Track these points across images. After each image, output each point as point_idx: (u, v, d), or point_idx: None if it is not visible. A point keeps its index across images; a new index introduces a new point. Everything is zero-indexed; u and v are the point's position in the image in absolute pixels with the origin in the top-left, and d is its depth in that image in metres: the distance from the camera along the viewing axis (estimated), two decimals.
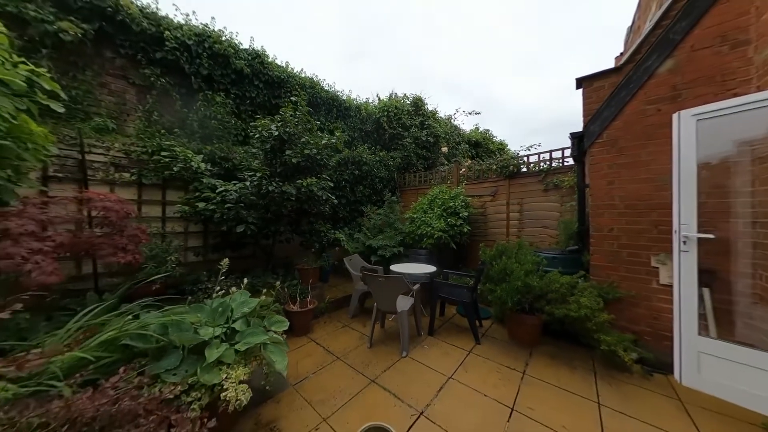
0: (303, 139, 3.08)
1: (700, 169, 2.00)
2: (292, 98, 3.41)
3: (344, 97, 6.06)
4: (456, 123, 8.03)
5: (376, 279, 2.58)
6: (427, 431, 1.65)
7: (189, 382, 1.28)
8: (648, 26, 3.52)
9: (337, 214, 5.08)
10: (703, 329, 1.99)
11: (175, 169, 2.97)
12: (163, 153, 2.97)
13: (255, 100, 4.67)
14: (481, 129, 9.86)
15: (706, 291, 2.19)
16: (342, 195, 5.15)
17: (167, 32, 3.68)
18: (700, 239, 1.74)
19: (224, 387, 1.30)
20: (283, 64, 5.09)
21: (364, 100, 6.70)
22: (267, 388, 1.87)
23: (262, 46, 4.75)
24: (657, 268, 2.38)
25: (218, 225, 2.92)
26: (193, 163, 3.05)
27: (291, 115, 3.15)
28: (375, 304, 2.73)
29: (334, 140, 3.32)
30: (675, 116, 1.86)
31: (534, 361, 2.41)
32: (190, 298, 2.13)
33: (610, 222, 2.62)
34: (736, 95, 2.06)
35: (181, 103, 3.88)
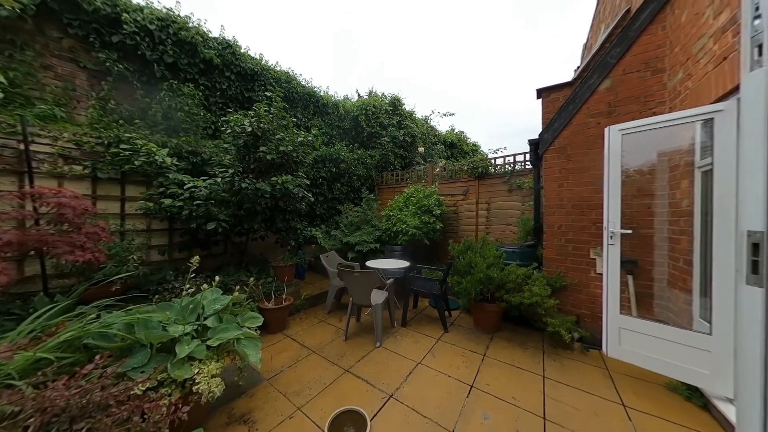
0: (278, 136, 3.07)
1: (626, 175, 2.37)
2: (267, 94, 3.35)
3: (322, 93, 6.01)
4: (432, 124, 8.32)
5: (352, 274, 2.68)
6: (395, 410, 1.80)
7: (159, 378, 1.29)
8: (596, 45, 3.97)
9: (314, 211, 5.07)
10: (627, 310, 2.39)
11: (136, 162, 2.79)
12: (122, 145, 2.78)
13: (226, 92, 4.48)
14: (456, 130, 10.30)
15: (629, 278, 2.61)
16: (319, 192, 5.15)
17: (125, 14, 3.41)
18: (622, 234, 2.08)
19: (196, 381, 1.33)
20: (257, 56, 4.93)
21: (343, 97, 6.70)
22: (240, 383, 1.91)
23: (233, 36, 4.57)
24: (594, 259, 2.77)
25: (186, 222, 2.81)
26: (157, 157, 2.89)
27: (266, 111, 3.11)
28: (351, 298, 2.83)
29: (310, 138, 3.33)
30: (606, 130, 2.18)
31: (493, 344, 2.69)
32: (156, 297, 2.06)
33: (559, 220, 2.97)
34: (654, 114, 2.46)
35: (143, 92, 3.63)
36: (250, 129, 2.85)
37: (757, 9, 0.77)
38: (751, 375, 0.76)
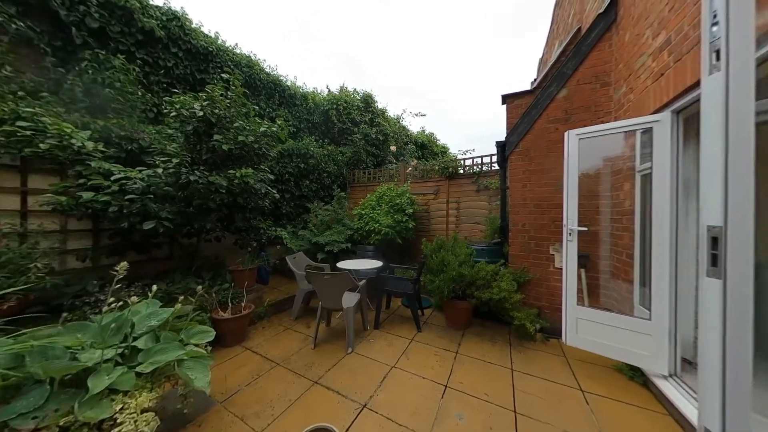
0: (237, 124, 2.72)
1: (581, 177, 2.59)
2: (224, 76, 2.95)
3: (288, 83, 5.61)
4: (404, 123, 8.37)
5: (321, 277, 2.49)
6: (369, 421, 1.68)
7: (61, 423, 0.98)
8: (552, 59, 4.33)
9: (279, 209, 4.70)
10: (580, 300, 2.61)
11: (42, 146, 2.22)
12: (20, 123, 2.19)
13: (172, 71, 3.89)
14: (426, 131, 10.54)
15: (582, 271, 2.86)
16: (285, 189, 4.78)
17: None
18: (579, 231, 2.25)
19: (118, 421, 1.05)
20: (212, 34, 4.38)
21: (312, 89, 6.34)
22: (185, 411, 1.61)
23: (182, 8, 3.99)
24: (553, 255, 2.99)
25: (116, 222, 2.33)
26: (74, 141, 2.34)
27: (221, 95, 2.74)
28: (320, 302, 2.64)
29: (275, 128, 3.03)
30: (566, 134, 2.35)
31: (465, 340, 2.73)
32: (66, 315, 1.64)
33: (523, 218, 3.15)
34: (602, 122, 2.73)
35: (55, 60, 2.94)
36: (201, 113, 2.47)
37: (714, 17, 0.81)
38: (711, 361, 0.79)
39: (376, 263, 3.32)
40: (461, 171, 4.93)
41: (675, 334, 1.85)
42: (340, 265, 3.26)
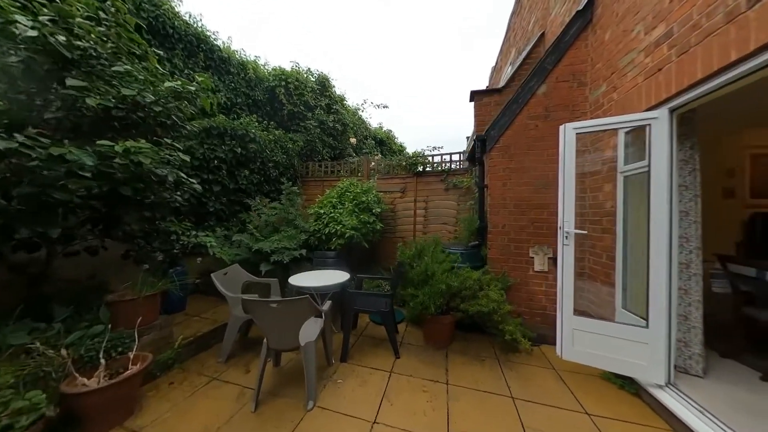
0: (118, 67, 1.69)
1: (547, 180, 2.47)
2: None
3: (219, 43, 4.36)
4: (363, 116, 7.76)
5: (267, 307, 1.72)
6: None
7: None
8: (518, 59, 4.34)
9: (204, 206, 3.54)
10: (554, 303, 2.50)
11: None
12: None
13: None
14: (384, 128, 10.16)
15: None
16: (215, 180, 3.64)
17: None
18: (576, 234, 2.08)
19: None
20: None
21: (253, 57, 5.15)
22: None
23: None
24: (533, 257, 2.86)
25: None
26: None
27: (88, 16, 1.66)
28: (265, 340, 1.84)
29: (193, 88, 2.06)
30: (561, 128, 2.17)
31: (451, 363, 2.32)
32: None
33: (503, 219, 2.94)
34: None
35: None
36: (35, 33, 1.38)
37: None
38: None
39: (342, 275, 2.65)
40: (429, 168, 4.63)
41: (671, 341, 1.77)
42: (295, 281, 2.49)
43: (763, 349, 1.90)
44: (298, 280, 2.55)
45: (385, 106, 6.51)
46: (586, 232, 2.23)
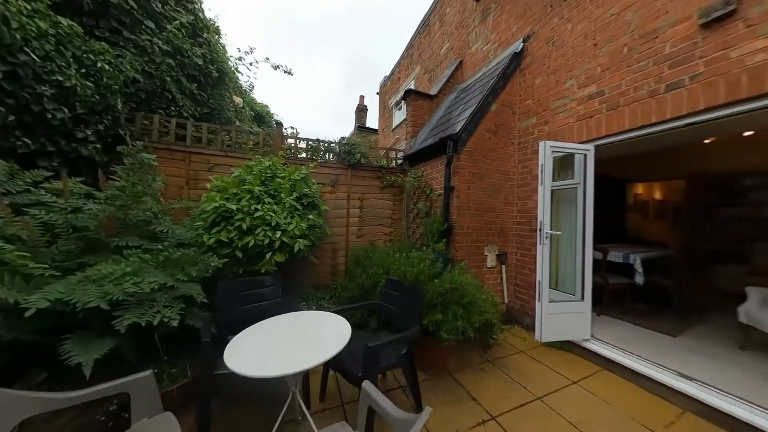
0: None
1: (495, 188, 2.95)
2: None
3: None
4: (241, 78, 5.29)
5: None
6: None
7: None
8: (441, 78, 4.73)
9: None
10: (499, 294, 2.98)
11: None
12: None
13: None
14: (260, 101, 7.80)
15: (503, 267, 3.32)
16: None
17: None
18: (550, 235, 2.49)
19: None
20: None
21: None
22: None
23: None
24: (486, 255, 3.19)
25: None
26: None
27: None
28: None
29: None
30: (541, 144, 2.53)
31: (469, 386, 2.03)
32: None
33: (468, 221, 3.05)
34: (511, 144, 3.34)
35: None
36: None
37: None
38: None
39: (337, 320, 1.53)
40: (363, 161, 4.00)
41: (591, 305, 2.56)
42: (249, 363, 1.10)
43: (614, 303, 3.22)
44: (254, 353, 1.16)
45: (289, 73, 4.78)
46: (560, 232, 2.77)
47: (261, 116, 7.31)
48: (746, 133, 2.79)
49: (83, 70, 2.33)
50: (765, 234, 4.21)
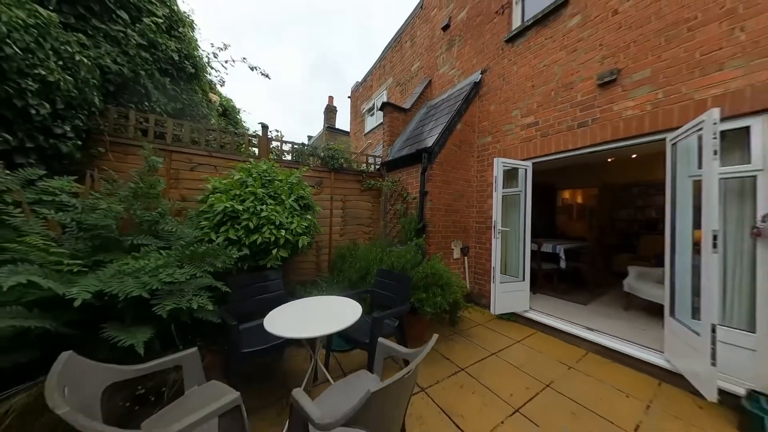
0: None
1: (460, 194, 3.62)
2: None
3: None
4: (212, 74, 5.09)
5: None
6: None
7: None
8: (414, 94, 5.29)
9: None
10: (464, 279, 3.65)
11: None
12: None
13: None
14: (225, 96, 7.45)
15: (465, 259, 3.98)
16: None
17: None
18: (501, 231, 3.17)
19: None
20: None
21: None
22: None
23: None
24: (453, 249, 3.81)
25: None
26: None
27: None
28: None
29: None
30: (495, 160, 3.19)
31: (446, 353, 2.55)
32: None
33: (439, 221, 3.62)
34: (473, 158, 4.04)
35: None
36: None
37: None
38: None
39: (354, 306, 1.88)
40: (345, 166, 4.32)
41: (529, 285, 3.33)
42: (288, 326, 1.41)
43: (546, 283, 4.10)
44: (288, 324, 1.46)
45: (266, 75, 4.79)
46: (509, 229, 3.46)
47: (227, 113, 7.02)
48: (633, 156, 3.91)
49: (60, 63, 2.25)
50: (646, 230, 5.73)
